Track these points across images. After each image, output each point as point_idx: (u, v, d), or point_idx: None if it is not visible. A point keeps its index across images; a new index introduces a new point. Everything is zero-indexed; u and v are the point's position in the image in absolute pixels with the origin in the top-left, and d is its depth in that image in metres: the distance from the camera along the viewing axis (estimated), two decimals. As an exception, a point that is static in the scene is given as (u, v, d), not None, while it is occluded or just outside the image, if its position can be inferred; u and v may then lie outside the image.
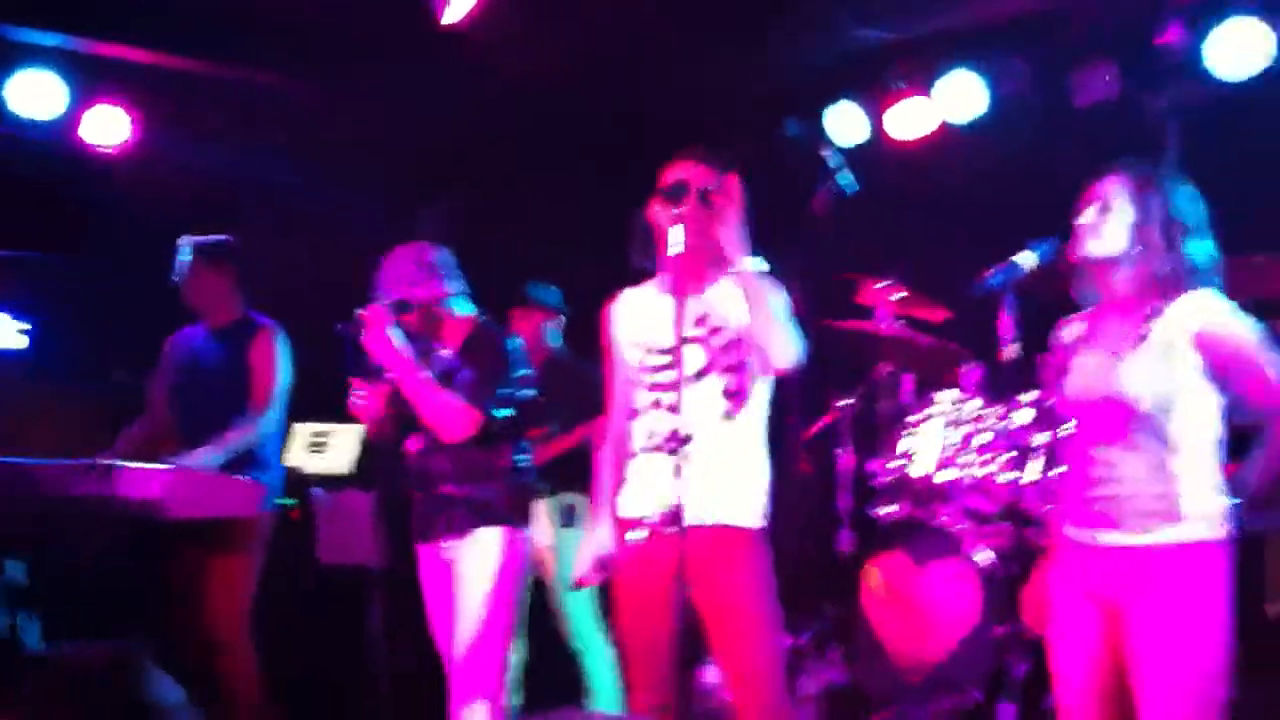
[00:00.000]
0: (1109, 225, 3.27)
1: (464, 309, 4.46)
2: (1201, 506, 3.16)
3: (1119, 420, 3.20)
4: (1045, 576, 3.37)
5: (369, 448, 5.61)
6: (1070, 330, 3.45)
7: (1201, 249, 3.28)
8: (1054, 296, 3.57)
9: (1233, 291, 4.33)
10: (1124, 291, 3.28)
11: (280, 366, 5.04)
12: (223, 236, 5.14)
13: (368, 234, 6.45)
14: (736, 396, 3.64)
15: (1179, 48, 5.46)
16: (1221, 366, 3.19)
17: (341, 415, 5.56)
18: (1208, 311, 3.19)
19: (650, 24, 5.75)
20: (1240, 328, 3.20)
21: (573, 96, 6.32)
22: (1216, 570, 3.15)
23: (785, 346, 3.57)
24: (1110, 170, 3.31)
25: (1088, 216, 3.29)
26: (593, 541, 3.79)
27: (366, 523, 4.67)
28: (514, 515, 4.28)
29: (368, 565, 4.55)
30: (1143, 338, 3.21)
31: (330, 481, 5.80)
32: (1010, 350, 3.28)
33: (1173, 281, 3.23)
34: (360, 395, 4.31)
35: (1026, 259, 3.31)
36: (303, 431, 6.20)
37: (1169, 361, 3.17)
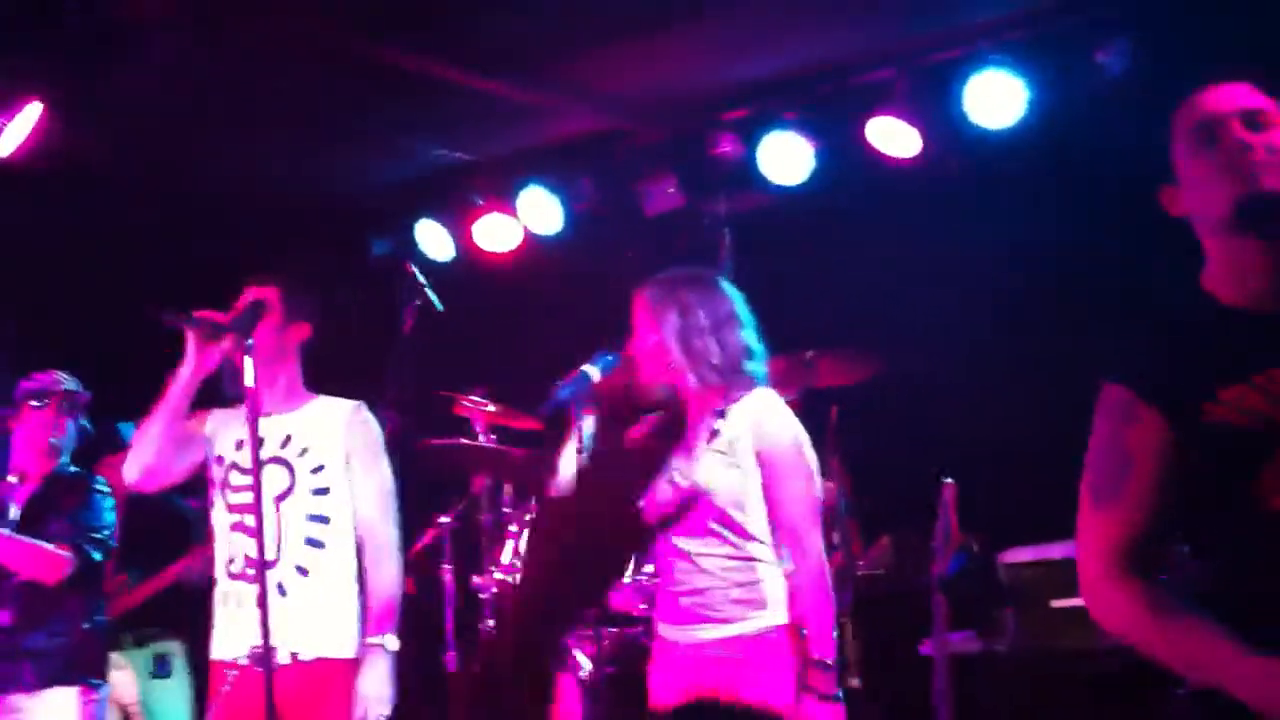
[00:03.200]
0: (653, 346, 3.40)
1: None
2: (778, 593, 3.32)
3: (699, 516, 3.32)
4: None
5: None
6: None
7: (750, 342, 3.44)
8: (625, 404, 3.70)
9: (788, 383, 4.67)
10: (693, 395, 3.42)
11: None
12: None
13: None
14: (323, 519, 3.56)
15: (732, 158, 5.87)
16: (765, 470, 3.34)
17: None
18: (764, 412, 3.36)
19: (227, 138, 5.63)
20: (788, 436, 3.36)
21: (142, 214, 6.09)
22: (790, 651, 3.30)
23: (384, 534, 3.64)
24: (639, 289, 3.48)
25: (637, 344, 3.42)
26: None
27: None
28: (88, 670, 4.07)
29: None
30: (713, 435, 3.35)
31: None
32: (584, 459, 3.36)
33: (728, 378, 3.38)
34: None
35: (591, 371, 3.43)
36: None
37: (736, 457, 3.32)
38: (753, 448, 3.33)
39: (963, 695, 3.92)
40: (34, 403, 4.30)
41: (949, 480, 4.03)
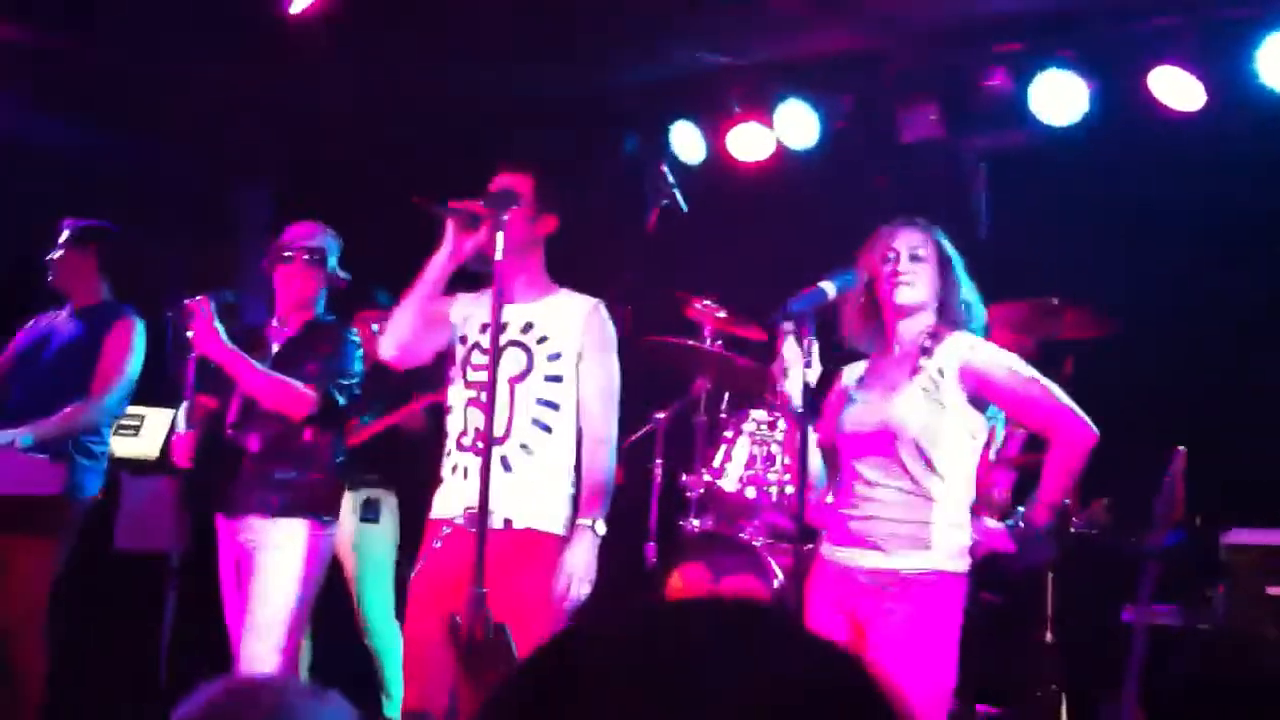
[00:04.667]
0: (920, 276, 3.45)
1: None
2: (949, 539, 3.35)
3: (886, 447, 3.38)
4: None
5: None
6: (850, 372, 3.63)
7: (966, 283, 3.52)
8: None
9: (1029, 329, 4.56)
10: (912, 333, 3.47)
11: (132, 355, 4.96)
12: (99, 222, 5.09)
13: (185, 217, 6.36)
14: (552, 405, 3.69)
15: (1000, 92, 5.70)
16: (992, 396, 3.40)
17: (153, 399, 5.48)
18: (970, 348, 3.41)
19: (489, 34, 5.77)
20: (1002, 359, 3.41)
21: (412, 101, 6.31)
22: (954, 600, 3.33)
23: (604, 439, 3.72)
24: (903, 220, 3.52)
25: (903, 265, 3.44)
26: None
27: (169, 509, 4.59)
28: (323, 508, 4.30)
29: (166, 552, 4.48)
30: (914, 373, 3.40)
31: (137, 466, 5.66)
32: (811, 374, 3.37)
33: (944, 317, 3.46)
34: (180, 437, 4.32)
35: (828, 287, 3.41)
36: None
37: (935, 394, 3.36)
38: (960, 379, 3.38)
39: (1154, 668, 3.84)
40: (285, 254, 4.48)
41: (1181, 448, 3.89)
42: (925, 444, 3.35)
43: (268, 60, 5.74)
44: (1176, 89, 5.28)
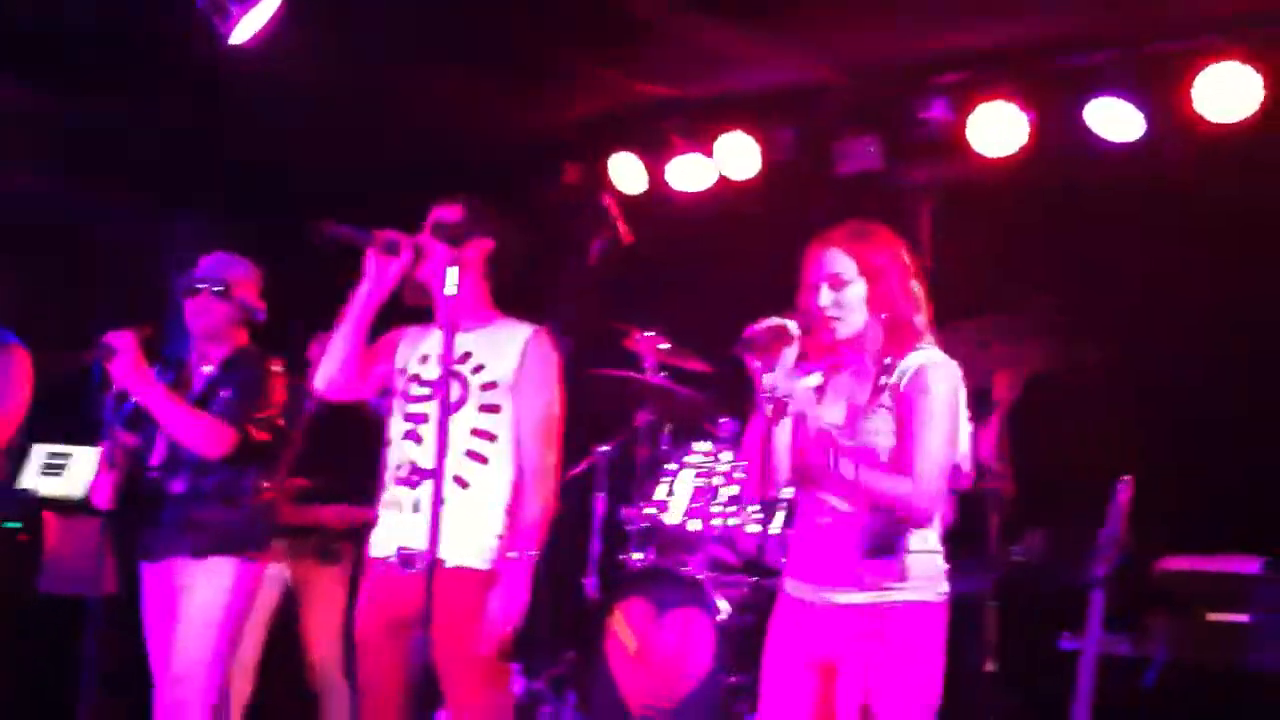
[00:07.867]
0: (846, 304, 3.23)
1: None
2: (926, 568, 3.19)
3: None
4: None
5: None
6: (800, 383, 3.33)
7: (919, 295, 3.29)
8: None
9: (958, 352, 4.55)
10: (865, 352, 3.26)
11: (23, 387, 4.84)
12: None
13: (113, 249, 6.26)
14: (488, 436, 3.63)
15: (940, 123, 5.72)
16: (896, 415, 3.18)
17: (81, 438, 5.37)
18: (921, 367, 3.18)
19: (431, 65, 5.73)
20: (936, 389, 3.17)
21: (353, 133, 6.26)
22: (936, 633, 3.18)
23: (541, 452, 3.62)
24: (822, 237, 3.30)
25: (824, 299, 3.23)
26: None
27: (94, 552, 4.48)
28: (249, 545, 4.18)
29: (89, 595, 4.35)
30: (879, 391, 3.20)
31: (63, 506, 5.53)
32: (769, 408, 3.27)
33: (899, 331, 3.23)
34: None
35: (787, 322, 3.30)
36: (39, 453, 5.92)
37: (894, 413, 3.17)
38: (895, 396, 3.17)
39: (1099, 697, 3.81)
40: (193, 287, 4.30)
41: (1126, 478, 3.86)
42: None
43: (205, 91, 5.66)
44: (1114, 120, 5.32)
